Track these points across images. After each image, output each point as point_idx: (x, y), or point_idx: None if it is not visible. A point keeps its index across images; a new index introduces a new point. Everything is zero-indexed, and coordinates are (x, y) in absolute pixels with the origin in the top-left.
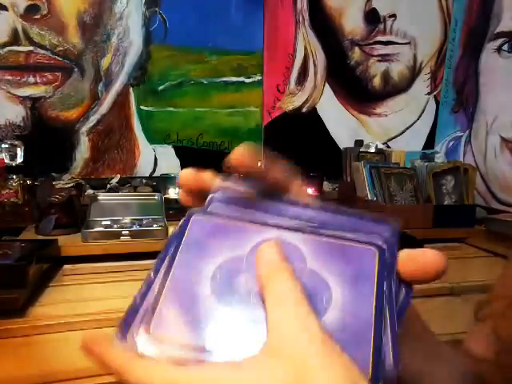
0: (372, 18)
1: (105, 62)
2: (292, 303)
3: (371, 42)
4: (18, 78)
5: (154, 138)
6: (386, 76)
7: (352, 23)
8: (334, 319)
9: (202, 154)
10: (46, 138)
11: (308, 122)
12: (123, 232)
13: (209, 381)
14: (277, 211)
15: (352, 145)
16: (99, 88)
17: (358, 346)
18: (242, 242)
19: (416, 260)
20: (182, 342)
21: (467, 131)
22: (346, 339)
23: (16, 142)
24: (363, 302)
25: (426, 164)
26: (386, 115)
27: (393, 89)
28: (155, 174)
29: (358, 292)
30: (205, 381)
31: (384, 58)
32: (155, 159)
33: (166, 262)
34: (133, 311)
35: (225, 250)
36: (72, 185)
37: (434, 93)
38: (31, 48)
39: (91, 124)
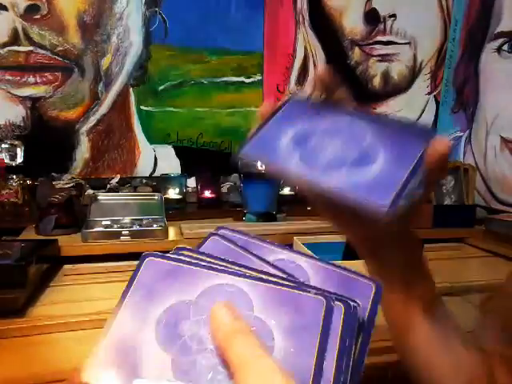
0: (372, 18)
1: (105, 62)
2: (256, 364)
3: (371, 41)
4: (18, 78)
5: (154, 137)
6: (386, 76)
7: (352, 23)
8: None
9: (202, 153)
10: (46, 138)
11: None
12: (123, 232)
13: None
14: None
15: None
16: (99, 88)
17: None
18: (190, 286)
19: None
20: None
21: (467, 131)
22: None
23: (16, 142)
24: (304, 353)
25: None
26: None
27: (393, 89)
28: (155, 174)
29: (302, 342)
30: None
31: (384, 57)
32: (155, 159)
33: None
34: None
35: (173, 295)
36: (72, 185)
37: (434, 93)
38: (31, 48)
39: (91, 124)
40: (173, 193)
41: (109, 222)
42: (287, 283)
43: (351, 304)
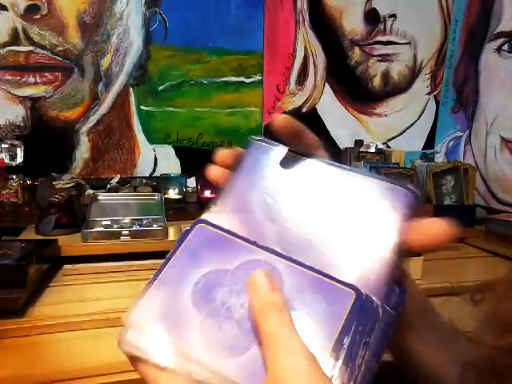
0: (372, 18)
1: (105, 62)
2: (285, 343)
3: (371, 42)
4: (18, 78)
5: (153, 137)
6: (386, 76)
7: (352, 23)
8: None
9: (202, 154)
10: (46, 138)
11: (308, 122)
12: (123, 232)
13: None
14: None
15: (352, 145)
16: (99, 88)
17: None
18: (231, 257)
19: (423, 230)
20: (155, 340)
21: (467, 131)
22: None
23: (16, 142)
24: (323, 335)
25: (426, 164)
26: (386, 115)
27: (393, 89)
28: (155, 174)
29: (323, 329)
30: None
31: (384, 57)
32: (155, 159)
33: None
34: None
35: (214, 262)
36: (72, 185)
37: (434, 93)
38: (31, 48)
39: (91, 124)
40: (173, 193)
41: (109, 222)
42: (318, 271)
43: (372, 299)
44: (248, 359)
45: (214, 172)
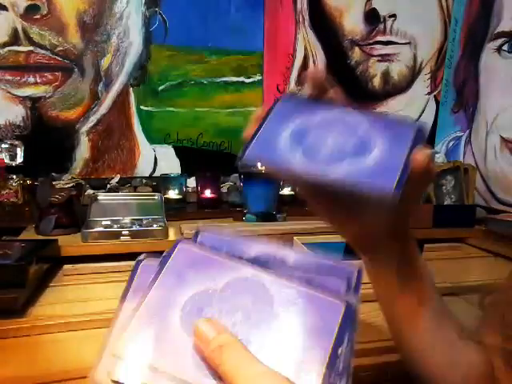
0: (372, 17)
1: (105, 62)
2: (249, 371)
3: (371, 41)
4: (18, 77)
5: (154, 137)
6: (386, 76)
7: (352, 23)
8: None
9: (202, 153)
10: (46, 138)
11: None
12: (123, 232)
13: None
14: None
15: None
16: (99, 88)
17: None
18: (217, 276)
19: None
20: (145, 361)
21: (467, 131)
22: None
23: (16, 142)
24: (317, 350)
25: None
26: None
27: (393, 89)
28: (155, 174)
29: (315, 341)
30: None
31: (384, 57)
32: (155, 159)
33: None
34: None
35: (200, 282)
36: (72, 185)
37: (434, 93)
38: (31, 48)
39: (91, 124)
40: (173, 193)
41: (109, 222)
42: (304, 285)
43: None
44: None
45: None
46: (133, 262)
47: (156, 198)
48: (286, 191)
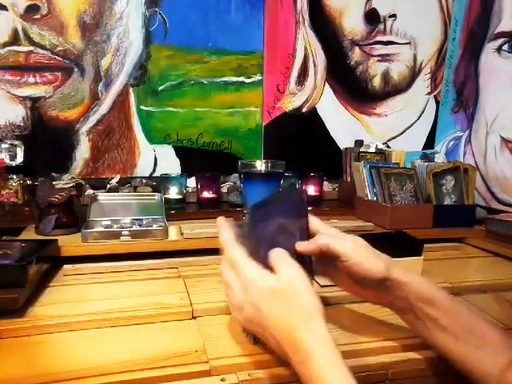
0: (372, 17)
1: (105, 62)
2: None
3: (371, 41)
4: (18, 77)
5: (154, 137)
6: (386, 76)
7: (352, 23)
8: None
9: (202, 153)
10: (46, 138)
11: (308, 122)
12: (123, 232)
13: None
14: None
15: (352, 145)
16: (99, 88)
17: None
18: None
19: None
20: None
21: (467, 131)
22: None
23: (16, 142)
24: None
25: (426, 164)
26: (386, 115)
27: (393, 89)
28: (155, 174)
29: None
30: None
31: (384, 57)
32: (155, 159)
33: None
34: None
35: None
36: (72, 185)
37: (434, 93)
38: (31, 48)
39: (91, 124)
40: (173, 193)
41: (109, 222)
42: None
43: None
44: None
45: None
46: (133, 262)
47: (156, 198)
48: None
